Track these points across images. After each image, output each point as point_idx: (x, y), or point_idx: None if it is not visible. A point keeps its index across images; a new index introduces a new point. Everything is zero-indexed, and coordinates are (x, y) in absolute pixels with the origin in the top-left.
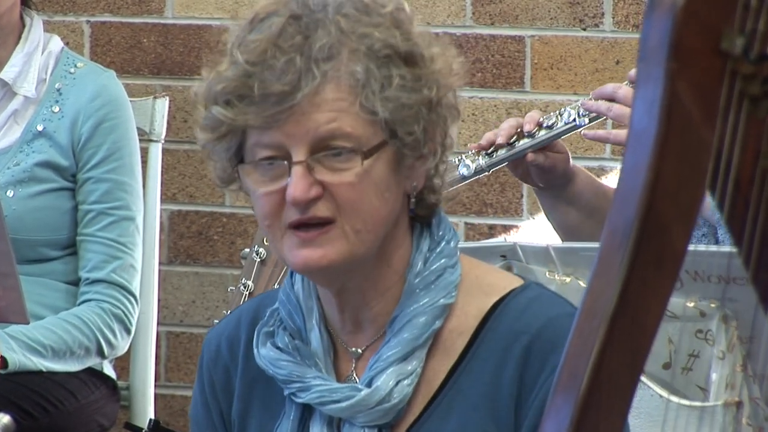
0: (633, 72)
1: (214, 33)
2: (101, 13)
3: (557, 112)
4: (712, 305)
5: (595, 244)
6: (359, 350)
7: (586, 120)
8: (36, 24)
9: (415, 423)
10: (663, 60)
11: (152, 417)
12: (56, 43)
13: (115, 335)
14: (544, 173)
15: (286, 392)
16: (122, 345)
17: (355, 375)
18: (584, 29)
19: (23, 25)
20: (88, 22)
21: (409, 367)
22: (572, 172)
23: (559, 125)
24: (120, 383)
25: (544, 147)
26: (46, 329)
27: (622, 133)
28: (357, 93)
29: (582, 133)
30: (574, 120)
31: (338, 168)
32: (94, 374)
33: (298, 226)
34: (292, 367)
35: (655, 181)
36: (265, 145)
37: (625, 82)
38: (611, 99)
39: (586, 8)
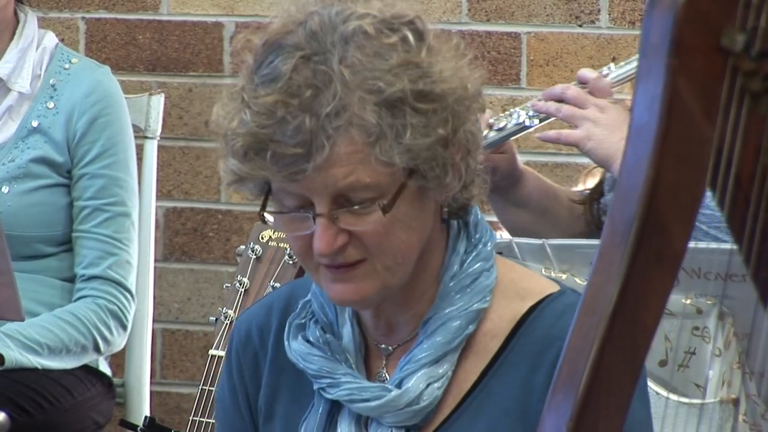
0: (582, 72)
1: (209, 29)
2: (96, 9)
3: (507, 113)
4: (709, 302)
5: (592, 241)
6: (390, 347)
7: (537, 121)
8: (30, 20)
9: (444, 424)
10: (664, 56)
11: (147, 414)
12: (50, 39)
13: (111, 331)
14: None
15: (315, 386)
16: (118, 341)
17: (385, 372)
18: (580, 26)
19: (17, 21)
20: (83, 18)
21: (440, 370)
22: (519, 174)
23: (508, 127)
24: (115, 380)
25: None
26: (42, 327)
27: (572, 134)
28: (371, 144)
29: (535, 135)
30: (524, 122)
31: (362, 214)
32: (89, 371)
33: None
34: (322, 362)
35: (656, 179)
36: (289, 193)
37: (574, 82)
38: (560, 100)
39: (582, 5)
